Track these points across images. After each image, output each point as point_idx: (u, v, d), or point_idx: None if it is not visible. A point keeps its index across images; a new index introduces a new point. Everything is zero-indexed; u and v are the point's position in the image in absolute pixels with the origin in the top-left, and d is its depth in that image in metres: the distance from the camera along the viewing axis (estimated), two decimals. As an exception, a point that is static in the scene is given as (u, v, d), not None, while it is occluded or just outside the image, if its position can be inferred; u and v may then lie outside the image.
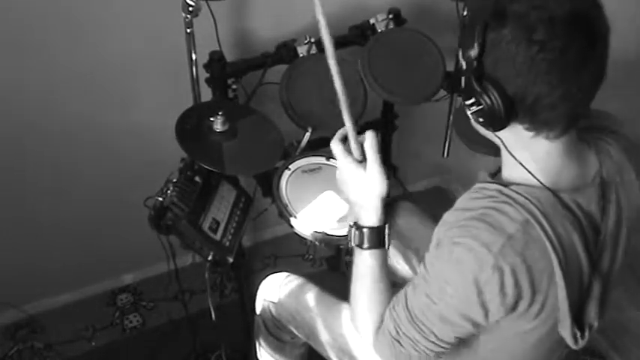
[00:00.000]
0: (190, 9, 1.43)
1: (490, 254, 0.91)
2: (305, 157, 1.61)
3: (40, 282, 2.03)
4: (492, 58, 0.89)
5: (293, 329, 1.50)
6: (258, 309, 1.59)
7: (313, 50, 1.70)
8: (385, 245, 1.12)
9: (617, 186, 1.00)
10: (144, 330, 2.11)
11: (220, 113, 1.46)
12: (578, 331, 1.00)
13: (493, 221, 0.93)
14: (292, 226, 1.46)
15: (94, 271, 2.14)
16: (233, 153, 1.46)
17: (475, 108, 0.92)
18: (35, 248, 1.96)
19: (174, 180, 1.41)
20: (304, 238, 1.46)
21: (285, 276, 1.55)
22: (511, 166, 1.00)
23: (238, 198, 1.56)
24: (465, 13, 0.88)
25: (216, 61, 1.60)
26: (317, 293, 1.47)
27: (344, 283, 1.18)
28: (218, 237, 1.44)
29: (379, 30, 1.76)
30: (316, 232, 1.43)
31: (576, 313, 1.00)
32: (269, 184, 1.55)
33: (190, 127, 1.45)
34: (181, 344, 1.96)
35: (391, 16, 1.76)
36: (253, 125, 1.56)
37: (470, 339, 1.05)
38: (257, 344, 1.64)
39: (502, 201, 0.95)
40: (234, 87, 1.67)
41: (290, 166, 1.58)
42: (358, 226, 1.12)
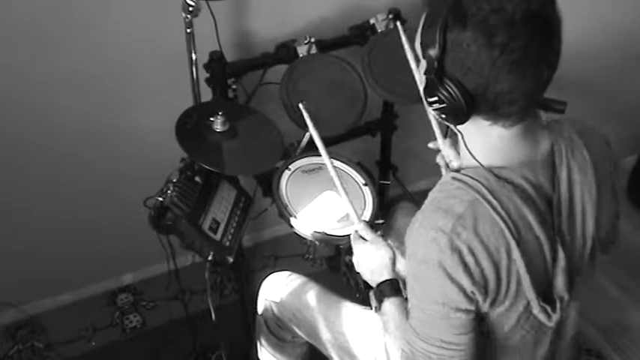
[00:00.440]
0: (190, 9, 1.43)
1: (445, 236, 0.96)
2: (305, 157, 1.62)
3: (40, 282, 2.03)
4: (453, 58, 0.91)
5: (294, 328, 1.50)
6: (259, 308, 1.59)
7: (313, 50, 1.70)
8: (402, 294, 1.17)
9: (568, 160, 1.03)
10: (144, 330, 2.11)
11: (220, 113, 1.46)
12: (547, 305, 1.02)
13: (444, 205, 0.98)
14: (292, 226, 1.46)
15: (94, 271, 2.14)
16: (233, 153, 1.46)
17: (437, 106, 0.96)
18: (35, 248, 1.96)
19: (174, 180, 1.41)
20: (304, 238, 1.46)
21: (286, 275, 1.56)
22: (466, 153, 1.03)
23: (238, 198, 1.56)
24: (425, 13, 0.90)
25: (216, 61, 1.60)
26: (318, 292, 1.47)
27: (344, 283, 1.19)
28: (218, 237, 1.44)
29: (379, 30, 1.76)
30: (316, 232, 1.43)
31: (546, 288, 1.03)
32: (269, 184, 1.55)
33: (190, 127, 1.45)
34: (181, 344, 1.96)
35: (391, 16, 1.76)
36: (253, 125, 1.56)
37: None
38: (258, 344, 1.64)
39: (455, 187, 1.00)
40: (234, 87, 1.67)
41: (290, 166, 1.58)
42: (377, 286, 1.21)
